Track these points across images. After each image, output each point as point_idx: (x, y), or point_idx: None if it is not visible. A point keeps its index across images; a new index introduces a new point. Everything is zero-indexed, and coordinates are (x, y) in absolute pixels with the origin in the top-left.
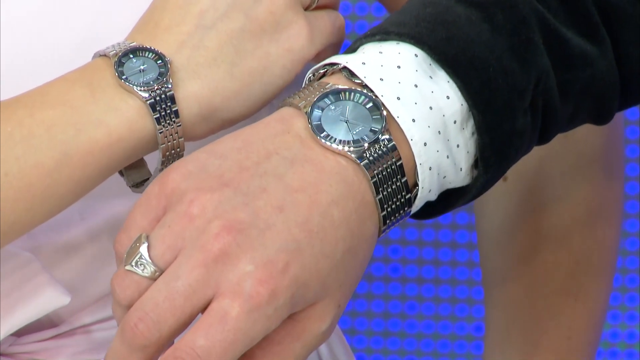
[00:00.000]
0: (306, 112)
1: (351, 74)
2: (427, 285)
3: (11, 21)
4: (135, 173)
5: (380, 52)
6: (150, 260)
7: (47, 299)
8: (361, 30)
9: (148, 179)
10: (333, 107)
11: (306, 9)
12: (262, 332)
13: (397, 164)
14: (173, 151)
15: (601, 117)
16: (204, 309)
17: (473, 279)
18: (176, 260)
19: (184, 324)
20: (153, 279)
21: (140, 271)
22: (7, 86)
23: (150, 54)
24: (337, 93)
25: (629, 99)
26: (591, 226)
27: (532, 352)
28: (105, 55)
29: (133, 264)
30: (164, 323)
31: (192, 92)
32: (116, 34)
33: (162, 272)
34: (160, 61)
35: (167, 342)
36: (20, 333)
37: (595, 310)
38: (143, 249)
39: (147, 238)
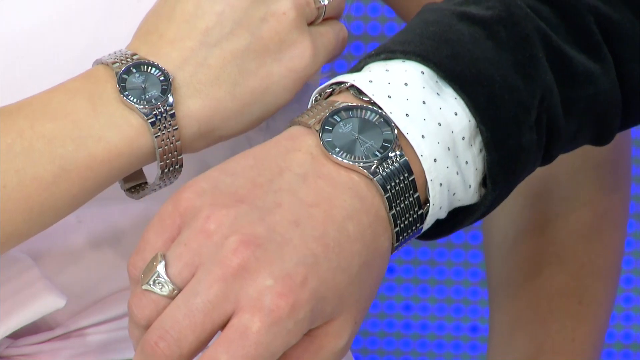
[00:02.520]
0: (317, 130)
1: (359, 92)
2: (423, 286)
3: (14, 31)
4: (131, 179)
5: (387, 70)
6: (168, 279)
7: (44, 302)
8: (357, 32)
9: (143, 183)
10: (343, 124)
11: (311, 23)
12: (282, 346)
13: (410, 179)
14: (172, 167)
15: (602, 136)
16: (223, 325)
17: (469, 279)
18: (194, 277)
19: (205, 341)
20: (171, 297)
21: (158, 290)
22: (8, 97)
23: (154, 69)
24: (347, 110)
25: (630, 118)
26: (597, 229)
27: (536, 355)
28: (106, 65)
29: (151, 283)
30: (184, 340)
31: (193, 111)
32: (117, 44)
33: (180, 290)
34: (163, 78)
35: (188, 359)
36: (17, 335)
37: (599, 313)
38: (160, 267)
39: (164, 257)
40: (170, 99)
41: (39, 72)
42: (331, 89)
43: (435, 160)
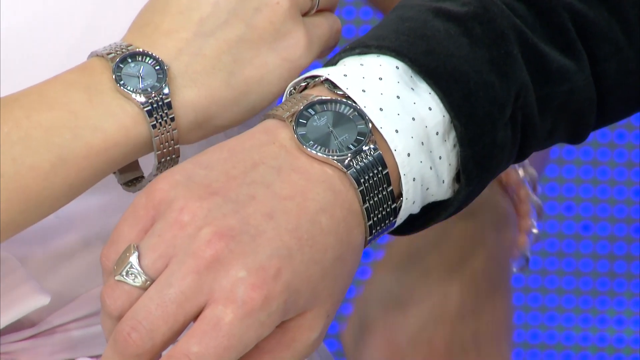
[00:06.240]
0: (291, 122)
1: (333, 86)
2: None
3: (10, 23)
4: (127, 172)
5: (362, 65)
6: (141, 270)
7: (28, 300)
8: (349, 35)
9: (140, 177)
10: (317, 118)
11: (305, 14)
12: (255, 338)
13: (383, 173)
14: (168, 157)
15: (577, 134)
16: (196, 316)
17: None
18: (168, 268)
19: (177, 332)
20: (144, 288)
21: (131, 281)
22: (6, 87)
23: (149, 59)
24: (321, 103)
25: (604, 117)
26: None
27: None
28: (102, 56)
29: (124, 274)
30: (156, 331)
31: (188, 100)
32: (111, 35)
33: (153, 281)
34: (158, 67)
35: (160, 350)
36: None
37: None
38: (133, 258)
39: (137, 247)
40: (166, 88)
41: (31, 67)
42: (305, 83)
43: (408, 154)
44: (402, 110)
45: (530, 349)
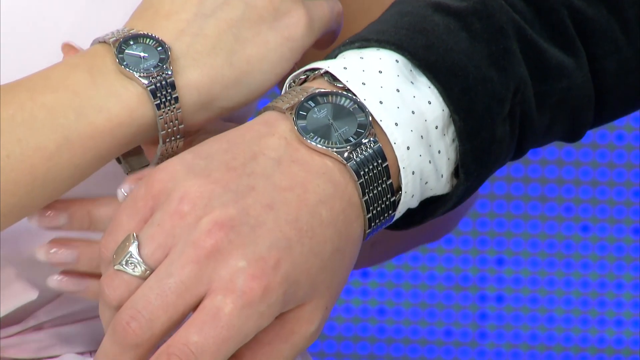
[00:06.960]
0: (291, 114)
1: (333, 79)
2: (397, 290)
3: (7, 8)
4: (134, 160)
5: (361, 58)
6: (140, 259)
7: (15, 295)
8: None
9: (145, 166)
10: (317, 110)
11: None
12: (254, 329)
13: (383, 165)
14: (173, 138)
15: (574, 132)
16: (195, 306)
17: (442, 284)
18: (167, 258)
19: (176, 322)
20: (143, 278)
21: (131, 270)
22: (6, 67)
23: (151, 40)
24: (321, 96)
25: (602, 115)
26: None
27: None
28: (104, 42)
29: (123, 263)
30: (156, 321)
31: (191, 80)
32: (113, 15)
33: (152, 271)
34: (160, 48)
35: (159, 340)
36: None
37: None
38: (133, 248)
39: (137, 237)
40: (169, 69)
41: (28, 55)
42: (305, 76)
43: (408, 147)
44: (402, 103)
45: (529, 350)
